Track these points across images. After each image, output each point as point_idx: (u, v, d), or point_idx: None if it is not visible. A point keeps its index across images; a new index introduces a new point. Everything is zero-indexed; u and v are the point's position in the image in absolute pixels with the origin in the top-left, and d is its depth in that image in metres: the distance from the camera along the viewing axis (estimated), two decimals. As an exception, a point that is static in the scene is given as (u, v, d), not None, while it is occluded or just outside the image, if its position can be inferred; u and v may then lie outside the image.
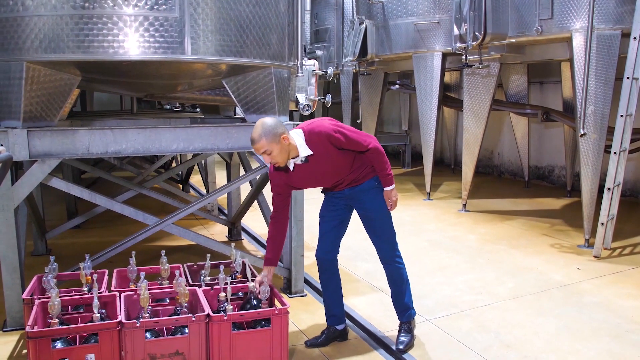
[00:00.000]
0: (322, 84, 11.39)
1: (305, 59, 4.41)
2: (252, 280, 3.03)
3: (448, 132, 10.43)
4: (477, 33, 5.49)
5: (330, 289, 3.23)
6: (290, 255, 4.06)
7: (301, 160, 2.84)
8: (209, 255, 3.36)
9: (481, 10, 5.40)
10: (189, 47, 3.32)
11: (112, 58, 3.20)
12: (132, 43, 3.21)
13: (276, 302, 3.00)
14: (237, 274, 3.41)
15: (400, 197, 3.23)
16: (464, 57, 5.98)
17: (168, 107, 9.30)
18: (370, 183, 2.99)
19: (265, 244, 5.44)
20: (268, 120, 2.73)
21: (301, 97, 4.42)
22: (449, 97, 8.93)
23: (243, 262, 3.54)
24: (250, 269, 3.48)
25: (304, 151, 2.79)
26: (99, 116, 6.29)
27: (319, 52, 10.27)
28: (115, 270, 3.41)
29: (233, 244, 3.56)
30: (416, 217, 6.60)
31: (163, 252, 3.36)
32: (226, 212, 6.24)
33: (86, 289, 3.12)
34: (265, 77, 3.79)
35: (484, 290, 4.18)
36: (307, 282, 4.31)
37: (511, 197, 7.86)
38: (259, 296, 2.92)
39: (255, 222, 6.06)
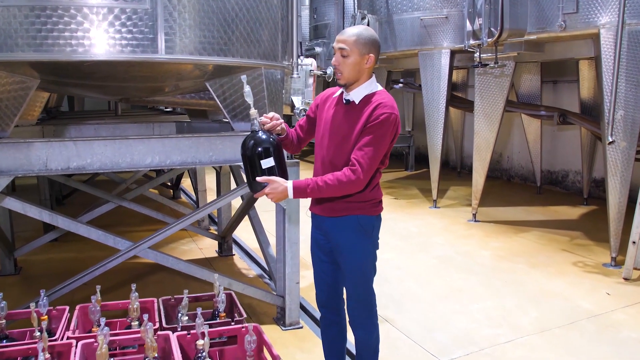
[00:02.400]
0: (321, 83, 10.83)
1: (302, 57, 3.90)
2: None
3: (454, 133, 9.91)
4: (492, 29, 4.95)
5: (329, 337, 2.66)
6: (283, 281, 3.56)
7: (345, 100, 2.39)
8: (186, 291, 2.86)
9: (497, 3, 4.86)
10: (162, 45, 2.82)
11: (69, 58, 2.70)
12: (94, 40, 2.70)
13: (265, 352, 2.50)
14: (220, 312, 2.90)
15: (405, 205, 2.71)
16: (476, 55, 5.45)
17: (162, 107, 8.79)
18: (350, 222, 2.37)
19: (258, 260, 5.02)
20: (374, 33, 2.37)
21: (297, 101, 3.91)
22: (457, 97, 8.40)
23: (229, 295, 3.05)
24: (237, 304, 2.99)
25: (358, 94, 2.35)
26: (78, 119, 5.79)
27: (318, 49, 9.73)
28: (77, 307, 2.89)
29: (216, 275, 3.05)
30: (423, 228, 6.09)
31: (133, 287, 2.85)
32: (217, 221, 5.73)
33: (38, 333, 2.62)
34: (254, 78, 3.29)
35: (505, 321, 3.68)
36: (303, 308, 3.82)
37: (523, 204, 7.35)
38: (265, 127, 2.34)
39: (247, 233, 5.54)
